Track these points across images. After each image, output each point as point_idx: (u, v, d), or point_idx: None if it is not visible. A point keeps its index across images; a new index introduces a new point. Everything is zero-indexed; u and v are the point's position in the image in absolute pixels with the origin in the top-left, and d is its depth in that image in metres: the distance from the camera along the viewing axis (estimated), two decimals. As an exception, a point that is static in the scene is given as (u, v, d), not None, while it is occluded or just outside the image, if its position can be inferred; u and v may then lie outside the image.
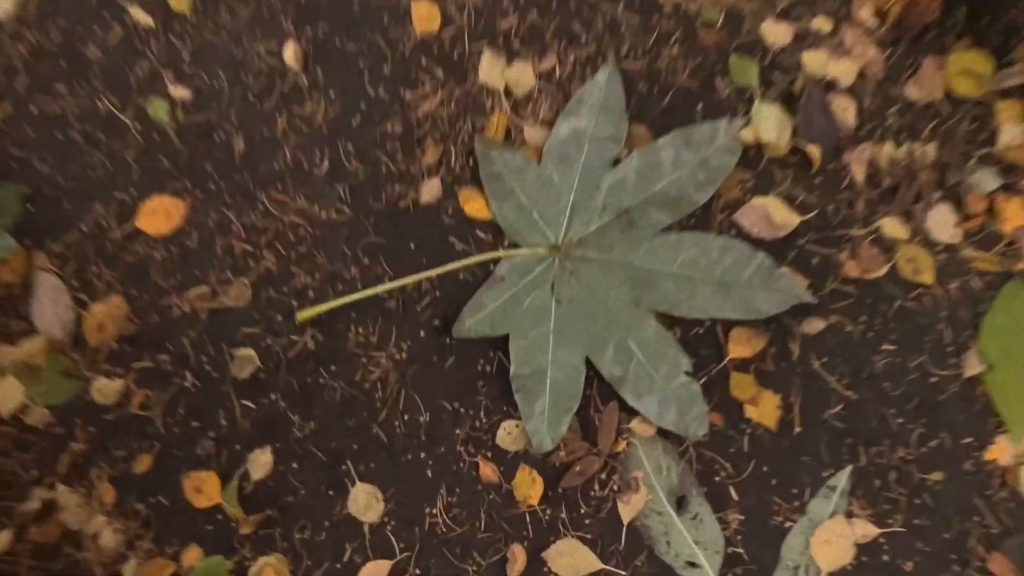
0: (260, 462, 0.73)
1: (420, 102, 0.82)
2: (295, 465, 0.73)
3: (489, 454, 0.74)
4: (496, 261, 0.77)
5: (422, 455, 0.74)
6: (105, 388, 0.74)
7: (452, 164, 0.81)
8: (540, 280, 0.76)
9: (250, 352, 0.75)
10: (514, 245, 0.79)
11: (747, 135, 0.79)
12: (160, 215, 0.79)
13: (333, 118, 0.82)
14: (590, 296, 0.75)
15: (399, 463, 0.73)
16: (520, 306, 0.75)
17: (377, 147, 0.81)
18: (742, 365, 0.76)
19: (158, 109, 0.82)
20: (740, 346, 0.76)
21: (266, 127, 0.82)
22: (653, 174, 0.77)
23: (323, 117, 0.82)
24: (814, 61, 0.82)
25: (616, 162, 0.79)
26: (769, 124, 0.79)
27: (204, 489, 0.72)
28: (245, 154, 0.81)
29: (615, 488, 0.72)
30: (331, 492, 0.72)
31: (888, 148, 0.80)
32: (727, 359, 0.75)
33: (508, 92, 0.82)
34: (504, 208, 0.79)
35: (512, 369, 0.74)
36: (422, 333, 0.76)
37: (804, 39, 0.84)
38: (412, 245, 0.79)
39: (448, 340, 0.76)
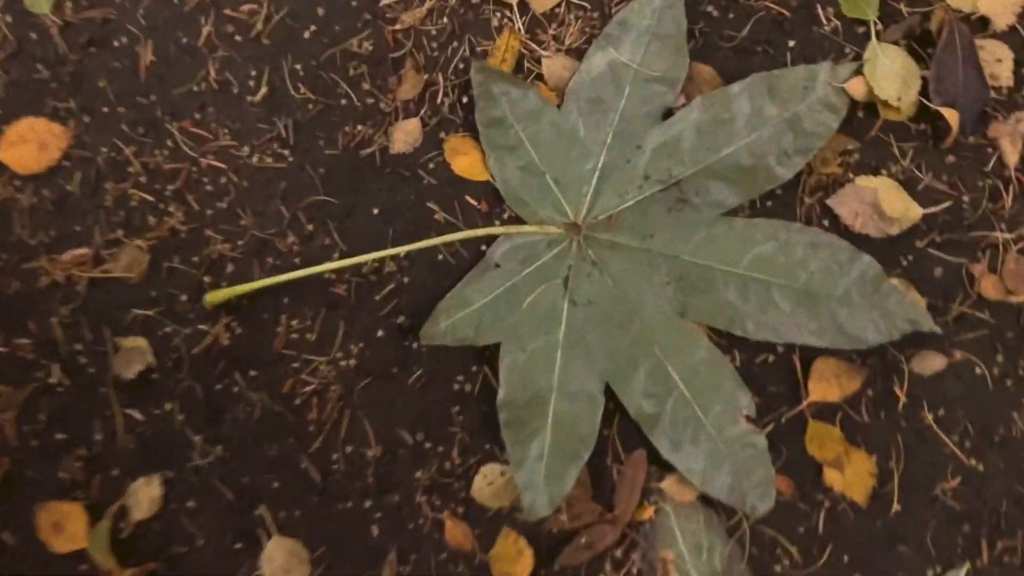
0: (145, 496, 0.62)
1: (401, 12, 0.66)
2: (192, 504, 0.61)
3: (461, 510, 0.60)
4: (490, 240, 0.61)
5: (367, 504, 0.60)
6: (-62, 379, 0.63)
7: (439, 101, 0.65)
8: (550, 271, 0.60)
9: (141, 343, 0.62)
10: (517, 219, 0.62)
11: (856, 88, 0.61)
12: (31, 145, 0.64)
13: (278, 26, 0.67)
14: (618, 298, 0.60)
15: (334, 513, 0.60)
16: (519, 305, 0.60)
17: (335, 70, 0.66)
18: (825, 411, 0.60)
19: (39, -2, 0.68)
20: (824, 385, 0.60)
21: (185, 33, 0.66)
22: (720, 133, 0.60)
23: (265, 24, 0.67)
24: (958, -10, 0.64)
25: (668, 113, 0.62)
26: (889, 75, 0.61)
27: (66, 527, 0.61)
28: (154, 69, 0.66)
29: (635, 571, 0.59)
30: (238, 544, 0.61)
31: (1056, 120, 0.63)
32: (805, 402, 0.60)
33: (524, 6, 0.66)
34: (506, 167, 0.62)
35: (501, 393, 0.59)
36: (380, 333, 0.62)
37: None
38: (375, 210, 0.64)
39: (415, 345, 0.62)
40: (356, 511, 0.60)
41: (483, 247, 0.62)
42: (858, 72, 0.62)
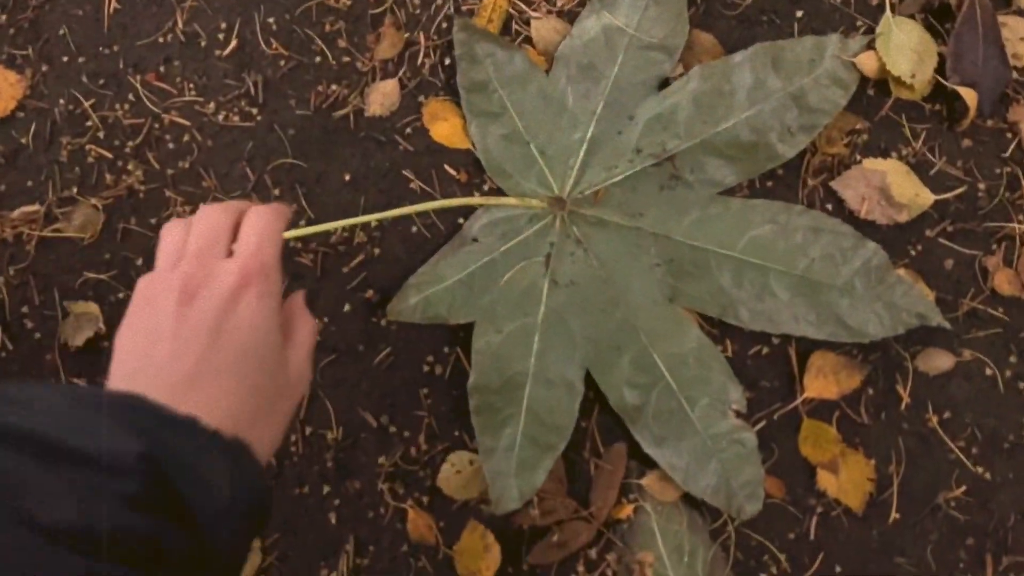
0: (88, 472, 0.55)
1: None
2: (138, 483, 0.55)
3: (425, 500, 0.57)
4: (468, 213, 0.58)
5: (326, 489, 0.57)
6: None
7: (419, 62, 0.61)
8: (531, 248, 0.57)
9: (92, 308, 0.58)
10: (498, 191, 0.59)
11: (867, 64, 0.57)
12: (-16, 93, 0.62)
13: None
14: (603, 280, 0.56)
15: (290, 498, 0.57)
16: (496, 283, 0.57)
17: (311, 25, 0.62)
18: (821, 409, 0.57)
19: (-1, -62, 0.64)
20: (821, 381, 0.56)
21: None
22: (719, 106, 0.57)
23: None
24: (980, -37, 0.59)
25: (665, 84, 0.58)
26: (903, 50, 0.58)
27: (3, 502, 0.55)
28: (118, 17, 0.63)
29: (610, 573, 0.55)
30: (186, 529, 0.54)
31: (1081, 105, 0.58)
32: (800, 398, 0.56)
33: (516, -35, 0.63)
34: (488, 135, 0.59)
35: (472, 377, 0.56)
36: (347, 307, 0.59)
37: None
38: (346, 176, 0.60)
39: (384, 322, 0.58)
40: (313, 497, 0.56)
41: (460, 220, 0.59)
42: (870, 46, 0.58)
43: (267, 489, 0.38)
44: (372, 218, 0.57)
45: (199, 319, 0.39)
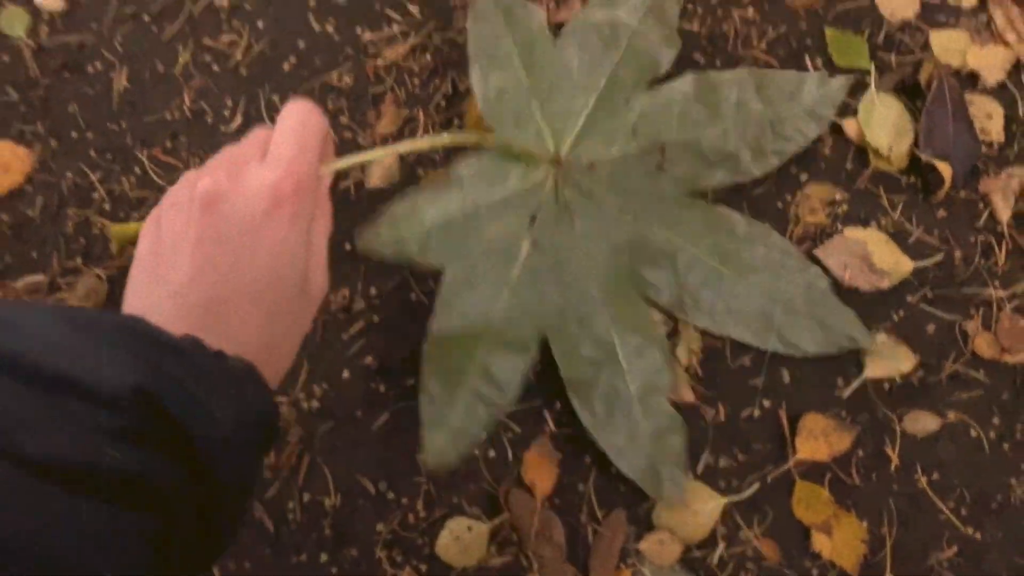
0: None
1: (383, 48, 0.67)
2: (134, 553, 0.56)
3: (423, 568, 0.58)
4: (456, 151, 0.59)
5: (323, 557, 0.58)
6: None
7: (418, 136, 0.65)
8: (518, 203, 0.59)
9: None
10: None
11: (851, 128, 0.63)
12: (-6, 167, 0.65)
13: (257, 58, 0.68)
14: (582, 252, 0.59)
15: (287, 566, 0.58)
16: (475, 234, 0.58)
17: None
18: (813, 472, 0.60)
19: (14, 21, 0.68)
20: (812, 443, 0.59)
21: (162, 61, 0.67)
22: (707, 110, 0.62)
23: (244, 55, 0.67)
24: (947, 45, 0.66)
25: (660, 80, 0.63)
26: (883, 124, 0.63)
27: None
28: (127, 95, 0.67)
29: None
30: (182, 599, 0.56)
31: (1047, 176, 0.64)
32: (792, 460, 0.59)
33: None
34: (490, 82, 0.61)
35: (434, 324, 0.57)
36: (346, 374, 0.61)
37: (935, 13, 0.69)
38: (347, 245, 0.63)
39: (382, 389, 0.61)
40: (311, 565, 0.58)
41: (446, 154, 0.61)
42: (851, 95, 0.63)
43: (275, 415, 0.36)
44: (406, 148, 0.59)
45: (222, 233, 0.37)
